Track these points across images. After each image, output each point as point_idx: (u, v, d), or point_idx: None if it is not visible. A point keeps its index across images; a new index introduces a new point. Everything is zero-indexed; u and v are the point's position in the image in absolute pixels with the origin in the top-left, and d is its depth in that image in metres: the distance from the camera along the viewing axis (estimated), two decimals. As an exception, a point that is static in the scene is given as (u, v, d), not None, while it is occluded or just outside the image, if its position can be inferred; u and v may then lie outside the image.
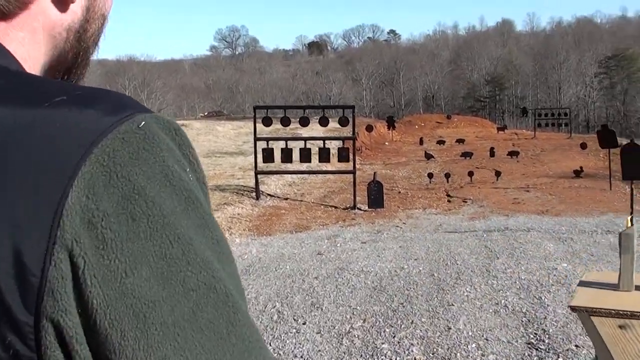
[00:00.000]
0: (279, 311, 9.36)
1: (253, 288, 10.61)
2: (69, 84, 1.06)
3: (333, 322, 8.78)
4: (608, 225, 15.75)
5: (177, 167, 0.89)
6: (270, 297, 10.06)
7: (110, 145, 0.82)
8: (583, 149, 35.40)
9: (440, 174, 26.31)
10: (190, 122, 49.07)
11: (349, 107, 21.59)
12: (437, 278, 10.78)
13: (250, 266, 12.27)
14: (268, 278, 11.24)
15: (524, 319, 8.62)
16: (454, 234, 15.20)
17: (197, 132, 39.66)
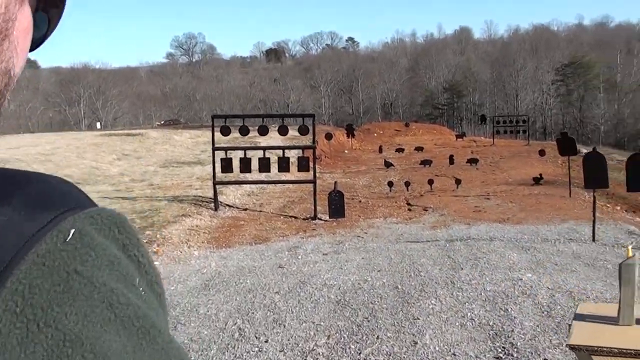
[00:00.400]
0: (240, 328, 9.13)
1: (213, 304, 10.37)
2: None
3: (296, 339, 8.56)
4: (570, 233, 15.73)
5: (123, 286, 0.66)
6: (231, 314, 9.82)
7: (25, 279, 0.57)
8: (542, 156, 35.53)
9: (400, 183, 26.16)
10: (147, 131, 48.62)
11: (309, 115, 21.40)
12: (401, 290, 10.60)
13: (209, 280, 12.02)
14: (228, 293, 11.00)
15: (491, 332, 8.47)
16: (416, 243, 15.05)
17: (154, 142, 39.26)
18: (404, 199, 23.29)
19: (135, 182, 25.25)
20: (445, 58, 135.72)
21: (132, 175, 27.25)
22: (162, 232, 16.40)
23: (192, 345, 8.57)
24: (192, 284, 11.89)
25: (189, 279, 12.25)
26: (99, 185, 24.42)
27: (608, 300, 9.63)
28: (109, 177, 26.70)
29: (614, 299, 9.60)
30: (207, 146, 25.39)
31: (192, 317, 9.77)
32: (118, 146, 36.05)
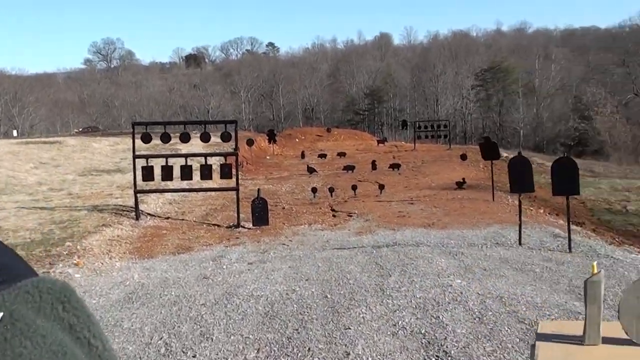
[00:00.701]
0: (167, 343, 8.85)
1: (137, 318, 10.06)
2: None
3: (225, 353, 8.32)
4: (496, 237, 15.76)
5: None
6: (157, 328, 9.52)
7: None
8: (463, 160, 35.76)
9: (324, 188, 26.05)
10: (65, 138, 47.80)
11: (231, 122, 21.18)
12: (330, 300, 10.42)
13: (132, 293, 11.69)
14: (153, 306, 10.69)
15: (424, 341, 8.34)
16: (342, 250, 14.91)
17: (72, 150, 38.58)
18: (328, 205, 23.17)
19: (54, 192, 24.69)
20: (365, 64, 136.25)
21: (50, 184, 26.66)
22: (83, 243, 15.99)
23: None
24: (114, 296, 11.55)
25: (111, 292, 11.91)
26: (16, 195, 23.83)
27: (539, 305, 9.60)
28: (27, 186, 26.07)
29: (544, 302, 9.61)
30: (127, 154, 24.98)
31: (116, 332, 9.45)
32: (35, 154, 35.34)
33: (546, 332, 4.28)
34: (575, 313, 9.17)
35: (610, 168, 52.17)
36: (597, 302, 4.00)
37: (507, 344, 8.04)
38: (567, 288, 10.67)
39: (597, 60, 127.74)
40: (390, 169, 33.73)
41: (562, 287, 10.76)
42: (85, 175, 29.12)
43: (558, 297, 10.02)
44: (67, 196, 23.54)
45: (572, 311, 9.28)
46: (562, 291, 10.46)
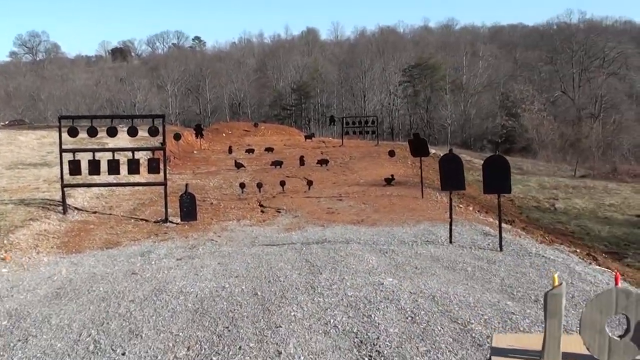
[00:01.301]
0: (95, 340, 8.67)
1: (65, 314, 9.85)
2: None
3: (155, 351, 8.17)
4: (426, 235, 15.80)
5: None
6: (85, 324, 9.32)
7: None
8: (391, 157, 35.86)
9: (252, 184, 25.88)
10: (-10, 131, 46.82)
11: (159, 116, 20.94)
12: (261, 297, 10.31)
13: (60, 289, 11.45)
14: (81, 302, 10.47)
15: (356, 340, 8.28)
16: (272, 247, 14.82)
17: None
18: (256, 200, 23.04)
19: (-21, 185, 24.14)
20: (292, 59, 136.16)
21: (-25, 177, 26.06)
22: (9, 237, 15.68)
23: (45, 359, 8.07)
24: (42, 292, 11.30)
25: (39, 287, 11.65)
26: (-61, 189, 23.26)
27: (471, 304, 9.60)
28: (-51, 179, 25.45)
29: (477, 302, 9.63)
30: (54, 147, 24.55)
31: (44, 328, 9.23)
32: (-41, 147, 34.59)
33: (502, 346, 4.16)
34: (508, 313, 9.21)
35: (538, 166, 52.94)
36: (558, 316, 3.90)
37: (440, 344, 8.02)
38: (499, 287, 10.70)
39: (525, 57, 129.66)
40: (318, 164, 33.67)
41: (494, 286, 10.79)
42: (11, 169, 28.52)
43: (490, 297, 10.04)
44: (-7, 190, 23.07)
45: (505, 311, 9.31)
46: (494, 290, 10.49)
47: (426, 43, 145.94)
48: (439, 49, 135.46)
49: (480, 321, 8.86)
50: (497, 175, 13.77)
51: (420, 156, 23.61)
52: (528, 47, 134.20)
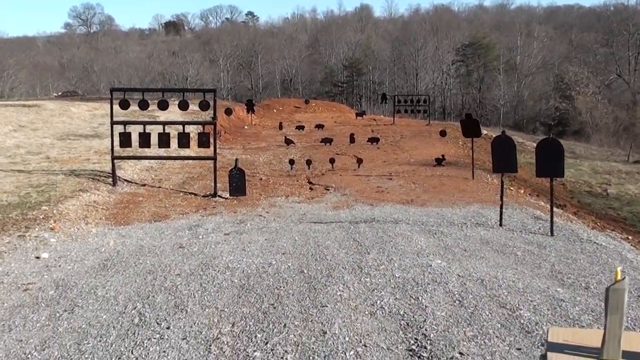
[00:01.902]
0: (141, 313, 8.66)
1: (112, 286, 9.88)
2: None
3: (199, 326, 8.13)
4: (476, 217, 15.61)
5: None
6: (131, 297, 9.33)
7: None
8: (442, 137, 35.51)
9: (302, 160, 25.83)
10: (44, 102, 47.25)
11: (210, 90, 20.88)
12: (307, 275, 10.24)
13: (108, 260, 11.49)
14: (127, 274, 10.49)
15: (402, 322, 8.16)
16: (319, 224, 14.74)
17: (50, 114, 38.14)
18: (305, 177, 22.99)
19: (32, 155, 24.38)
20: (345, 35, 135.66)
21: (28, 147, 26.32)
22: (59, 207, 15.80)
23: (90, 331, 8.08)
24: (89, 263, 11.35)
25: (86, 258, 11.71)
26: (-7, 158, 23.53)
27: (520, 290, 9.44)
28: (4, 149, 25.72)
29: (526, 288, 9.47)
30: (105, 119, 24.67)
31: (90, 299, 9.26)
32: (14, 117, 34.91)
33: (557, 341, 3.96)
34: (557, 300, 9.02)
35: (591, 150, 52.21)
36: (620, 313, 3.69)
37: (488, 329, 7.87)
38: (549, 273, 10.51)
39: (580, 39, 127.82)
40: (368, 142, 33.50)
41: (544, 271, 10.60)
42: (63, 140, 28.76)
43: (540, 283, 9.86)
44: (44, 160, 23.26)
45: (555, 298, 9.12)
46: (544, 276, 10.30)
47: (480, 22, 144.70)
48: (493, 29, 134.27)
49: (529, 307, 8.70)
50: (551, 158, 13.54)
51: (472, 137, 23.37)
52: (584, 29, 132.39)
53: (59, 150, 25.41)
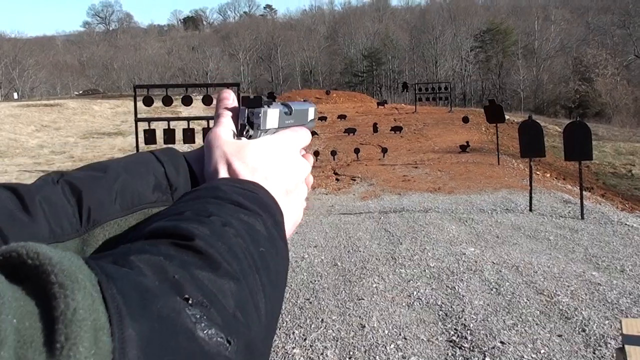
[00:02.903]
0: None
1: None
2: None
3: (236, 323, 8.06)
4: (505, 203, 15.53)
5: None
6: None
7: None
8: (465, 123, 35.43)
9: (326, 151, 25.82)
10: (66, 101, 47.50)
11: (234, 84, 20.90)
12: (341, 268, 10.17)
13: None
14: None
15: (441, 313, 8.07)
16: (349, 215, 14.68)
17: (72, 112, 38.29)
18: (330, 168, 22.98)
19: (56, 155, 24.46)
20: (363, 26, 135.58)
21: (51, 147, 26.42)
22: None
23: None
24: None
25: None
26: (17, 158, 23.60)
27: (556, 275, 9.35)
28: (28, 149, 25.83)
29: (562, 273, 9.38)
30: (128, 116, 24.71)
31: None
32: (36, 117, 35.06)
33: (634, 333, 3.86)
34: (594, 284, 8.92)
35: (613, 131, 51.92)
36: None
37: (527, 317, 7.77)
38: (583, 257, 10.41)
39: (597, 21, 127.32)
40: (391, 131, 33.48)
41: (579, 256, 10.51)
42: (86, 138, 28.85)
43: (575, 267, 9.77)
44: (68, 159, 23.33)
45: (592, 282, 9.02)
46: (578, 260, 10.20)
47: (497, 8, 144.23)
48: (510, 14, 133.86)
49: (567, 293, 8.60)
50: (579, 141, 13.43)
51: (496, 122, 23.26)
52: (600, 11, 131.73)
53: (83, 149, 25.47)
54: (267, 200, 0.96)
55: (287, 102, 1.21)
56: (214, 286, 0.69)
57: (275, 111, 1.15)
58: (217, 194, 0.90)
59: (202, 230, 0.76)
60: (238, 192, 0.92)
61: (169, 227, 0.76)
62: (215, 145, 1.06)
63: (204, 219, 0.80)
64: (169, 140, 19.64)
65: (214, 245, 0.74)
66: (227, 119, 1.11)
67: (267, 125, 1.12)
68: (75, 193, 0.91)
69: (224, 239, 0.77)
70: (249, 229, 0.84)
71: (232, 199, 0.89)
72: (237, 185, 0.95)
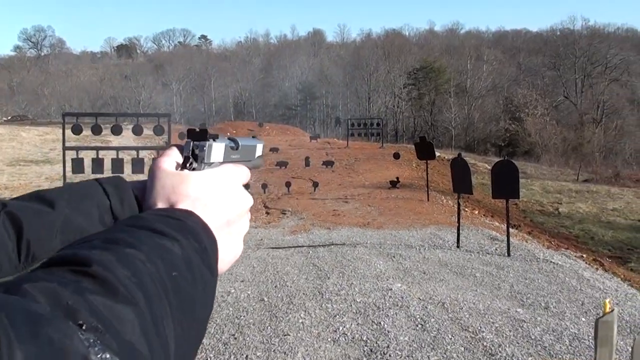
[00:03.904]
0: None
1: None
2: None
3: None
4: (433, 239, 15.61)
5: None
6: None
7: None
8: (396, 159, 35.64)
9: (257, 184, 25.69)
10: (-7, 127, 46.72)
11: (165, 115, 20.76)
12: (267, 303, 10.10)
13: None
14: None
15: (366, 348, 8.07)
16: (278, 250, 14.63)
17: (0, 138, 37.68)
18: (261, 201, 22.88)
19: (-20, 182, 24.02)
20: (298, 60, 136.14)
21: (-25, 174, 25.95)
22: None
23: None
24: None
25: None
26: (-60, 184, 23.13)
27: (482, 312, 9.42)
28: (-49, 175, 25.34)
29: (487, 309, 9.44)
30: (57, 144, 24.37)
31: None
32: (-38, 142, 34.49)
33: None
34: (519, 321, 9.02)
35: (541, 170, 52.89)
36: (609, 345, 3.61)
37: (452, 353, 7.81)
38: (509, 294, 10.52)
39: (528, 62, 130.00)
40: (323, 165, 33.55)
41: (504, 292, 10.60)
42: (13, 165, 28.38)
43: (501, 304, 9.86)
44: (-6, 186, 22.93)
45: (516, 319, 9.12)
46: (504, 297, 10.30)
47: (431, 46, 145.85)
48: (444, 53, 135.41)
49: (491, 329, 8.67)
50: (506, 180, 13.60)
51: (426, 159, 23.44)
52: (531, 53, 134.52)
53: (9, 177, 25.06)
54: (195, 227, 0.97)
55: (235, 137, 1.23)
56: (109, 312, 0.69)
57: (221, 145, 1.17)
58: (134, 223, 0.90)
59: (103, 256, 0.76)
60: (160, 219, 0.92)
61: (68, 255, 0.77)
62: (156, 177, 1.08)
63: (110, 246, 0.80)
64: (97, 169, 19.43)
65: (114, 270, 0.74)
66: (173, 151, 1.13)
67: (212, 158, 1.14)
68: (15, 226, 0.92)
69: (129, 264, 0.77)
70: (163, 254, 0.84)
71: (149, 226, 0.89)
72: (162, 214, 0.96)
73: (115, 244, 0.81)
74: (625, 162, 70.30)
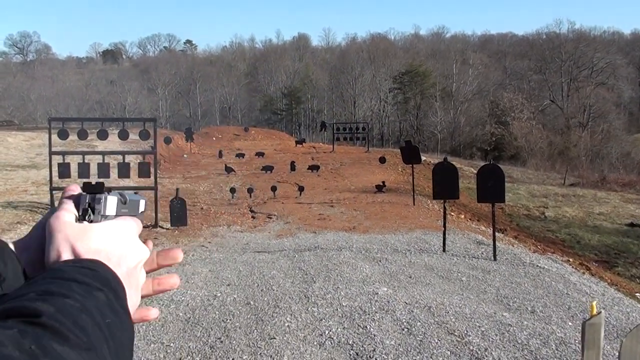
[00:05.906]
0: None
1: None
2: None
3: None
4: (419, 243, 15.63)
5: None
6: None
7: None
8: (382, 163, 35.73)
9: (243, 189, 25.74)
10: (-22, 132, 46.55)
11: (150, 119, 20.75)
12: (254, 307, 10.09)
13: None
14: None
15: (352, 352, 8.08)
16: (264, 254, 14.62)
17: (-15, 144, 37.58)
18: (247, 205, 22.90)
19: (-33, 186, 23.95)
20: (284, 64, 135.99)
21: (-38, 179, 25.85)
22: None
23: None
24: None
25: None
26: None
27: (468, 316, 9.43)
28: (-63, 181, 25.24)
29: (473, 313, 9.47)
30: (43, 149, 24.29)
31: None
32: (-52, 148, 34.36)
33: None
34: (505, 325, 9.04)
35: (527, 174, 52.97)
36: (596, 348, 3.63)
37: (438, 357, 7.83)
38: (495, 298, 10.54)
39: (514, 66, 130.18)
40: (309, 170, 33.56)
41: (490, 296, 10.63)
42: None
43: (487, 308, 9.88)
44: (-21, 191, 22.86)
45: (502, 323, 9.14)
46: (490, 301, 10.32)
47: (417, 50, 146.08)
48: (429, 57, 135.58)
49: (477, 333, 8.68)
50: (492, 184, 13.62)
51: (412, 163, 23.47)
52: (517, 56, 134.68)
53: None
54: (107, 276, 1.03)
55: (122, 192, 1.27)
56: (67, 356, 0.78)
57: (114, 199, 1.21)
58: (57, 275, 0.96)
59: (46, 307, 0.84)
60: (77, 270, 0.99)
61: (16, 307, 0.84)
62: (57, 230, 1.10)
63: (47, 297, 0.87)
64: (83, 174, 19.40)
65: (59, 320, 0.82)
66: (69, 205, 1.16)
67: (107, 211, 1.18)
68: None
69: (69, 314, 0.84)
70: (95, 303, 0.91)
71: (73, 277, 0.95)
72: (76, 265, 1.02)
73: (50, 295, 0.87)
74: (611, 166, 70.44)
